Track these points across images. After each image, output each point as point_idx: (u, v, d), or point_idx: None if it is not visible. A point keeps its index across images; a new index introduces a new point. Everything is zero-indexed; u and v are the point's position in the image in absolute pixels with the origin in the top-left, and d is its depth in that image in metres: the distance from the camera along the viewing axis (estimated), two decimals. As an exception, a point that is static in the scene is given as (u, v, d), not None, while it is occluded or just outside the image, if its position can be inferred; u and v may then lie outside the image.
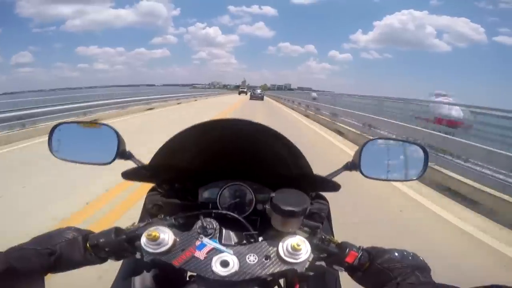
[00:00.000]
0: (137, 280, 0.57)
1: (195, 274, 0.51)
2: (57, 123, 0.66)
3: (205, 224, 0.54)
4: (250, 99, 29.27)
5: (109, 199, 3.09)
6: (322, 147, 6.53)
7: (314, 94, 19.58)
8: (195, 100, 24.23)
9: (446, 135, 4.83)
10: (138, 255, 0.50)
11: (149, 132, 7.13)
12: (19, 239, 0.49)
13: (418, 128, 5.65)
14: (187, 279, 0.57)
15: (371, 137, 0.83)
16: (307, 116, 13.74)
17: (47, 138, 0.66)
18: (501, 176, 3.50)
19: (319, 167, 0.65)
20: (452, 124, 5.53)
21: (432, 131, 5.16)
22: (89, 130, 0.69)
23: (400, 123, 6.37)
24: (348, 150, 6.17)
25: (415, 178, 0.69)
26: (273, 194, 0.52)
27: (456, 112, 5.63)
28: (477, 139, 4.31)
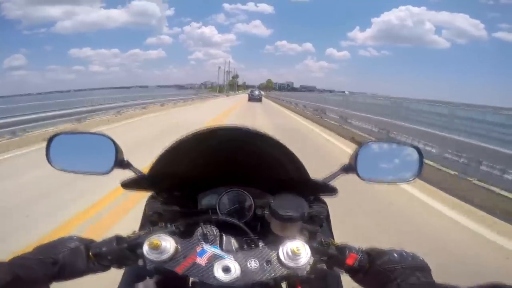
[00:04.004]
0: (140, 286, 0.57)
1: (197, 279, 0.51)
2: (54, 133, 0.65)
3: (205, 231, 0.54)
4: (249, 100, 28.81)
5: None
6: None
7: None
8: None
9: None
10: (140, 262, 0.51)
11: None
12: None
13: None
14: (190, 285, 0.57)
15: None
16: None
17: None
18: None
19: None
20: None
21: None
22: (87, 140, 0.69)
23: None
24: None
25: (411, 180, 0.70)
26: (271, 201, 0.53)
27: None
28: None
